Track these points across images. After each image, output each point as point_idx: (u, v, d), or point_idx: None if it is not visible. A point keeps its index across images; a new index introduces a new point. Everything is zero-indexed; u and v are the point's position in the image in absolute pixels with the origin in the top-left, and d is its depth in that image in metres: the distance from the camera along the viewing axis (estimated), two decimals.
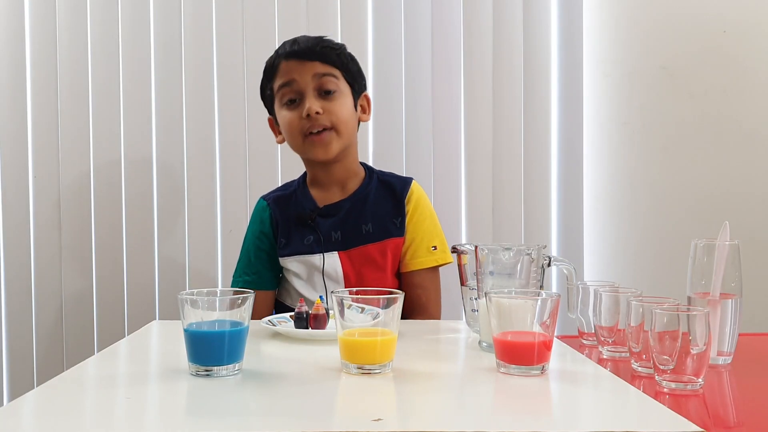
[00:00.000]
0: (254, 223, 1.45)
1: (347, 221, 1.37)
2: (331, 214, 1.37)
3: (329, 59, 1.34)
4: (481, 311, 0.97)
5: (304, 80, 1.32)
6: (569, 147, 1.89)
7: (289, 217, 1.39)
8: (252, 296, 0.85)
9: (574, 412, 0.73)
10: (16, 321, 1.89)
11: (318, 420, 0.67)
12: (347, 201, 1.39)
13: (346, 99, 1.36)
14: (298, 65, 1.33)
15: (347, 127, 1.35)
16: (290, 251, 1.38)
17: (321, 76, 1.33)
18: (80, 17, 1.85)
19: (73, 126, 1.87)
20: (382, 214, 1.37)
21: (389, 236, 1.36)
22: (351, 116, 1.37)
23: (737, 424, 0.75)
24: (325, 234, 1.36)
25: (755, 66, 1.92)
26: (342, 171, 1.39)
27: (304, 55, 1.33)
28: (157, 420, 0.70)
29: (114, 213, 1.87)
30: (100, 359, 0.94)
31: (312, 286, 1.37)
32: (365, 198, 1.39)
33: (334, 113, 1.33)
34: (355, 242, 1.36)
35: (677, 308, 0.83)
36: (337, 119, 1.33)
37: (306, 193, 1.42)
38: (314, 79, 1.32)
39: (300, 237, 1.37)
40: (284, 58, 1.35)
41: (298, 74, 1.33)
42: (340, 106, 1.34)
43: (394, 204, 1.38)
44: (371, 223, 1.36)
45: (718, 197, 1.92)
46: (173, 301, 1.80)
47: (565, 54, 1.88)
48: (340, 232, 1.36)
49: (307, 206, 1.39)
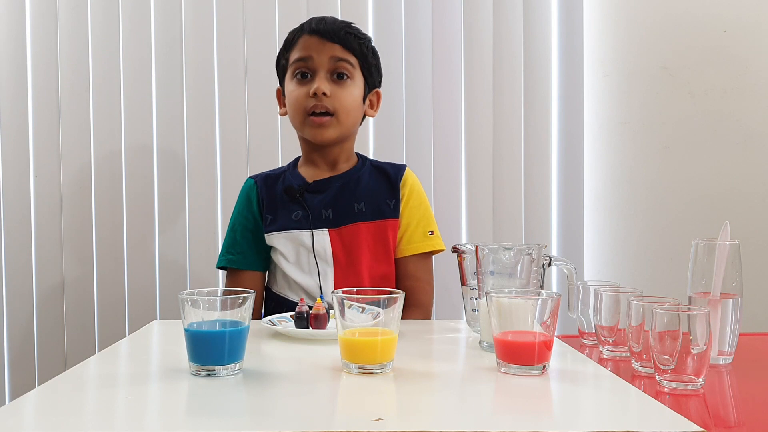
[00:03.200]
0: (241, 202, 1.43)
1: (339, 200, 1.36)
2: (320, 190, 1.37)
3: (350, 46, 1.34)
4: (481, 311, 0.97)
5: (320, 59, 1.33)
6: (569, 147, 1.89)
7: (277, 193, 1.38)
8: (252, 296, 0.85)
9: (575, 412, 0.73)
10: (17, 321, 1.89)
11: (318, 420, 0.67)
12: (337, 179, 1.38)
13: (355, 89, 1.36)
14: (319, 43, 1.33)
15: (349, 116, 1.35)
16: (277, 227, 1.35)
17: (338, 60, 1.33)
18: (81, 10, 1.85)
19: (74, 124, 1.87)
20: (375, 195, 1.37)
21: (382, 217, 1.35)
22: (356, 106, 1.37)
23: (738, 424, 0.75)
24: (315, 211, 1.34)
25: (755, 66, 1.92)
26: (335, 154, 1.39)
27: (327, 35, 1.33)
28: (158, 420, 0.70)
29: (114, 213, 1.87)
30: (101, 359, 0.94)
31: (300, 268, 1.34)
32: (358, 179, 1.38)
33: (339, 99, 1.33)
34: (346, 220, 1.34)
35: (678, 308, 0.83)
36: (341, 105, 1.33)
37: (295, 172, 1.42)
38: (330, 61, 1.33)
39: (288, 212, 1.35)
40: (307, 33, 1.35)
41: (316, 52, 1.33)
42: (348, 94, 1.34)
43: (387, 187, 1.38)
44: (364, 203, 1.35)
45: (718, 197, 1.92)
46: (174, 300, 1.81)
47: (565, 54, 1.88)
48: (332, 210, 1.35)
49: (296, 183, 1.38)
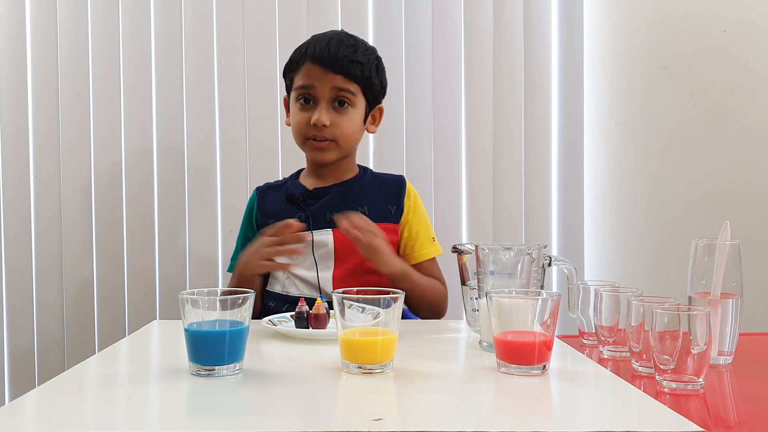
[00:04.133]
0: (246, 212, 1.50)
1: (343, 202, 1.38)
2: (320, 196, 1.39)
3: (353, 75, 1.34)
4: (481, 311, 0.97)
5: (322, 89, 1.34)
6: (569, 147, 1.89)
7: (279, 200, 1.42)
8: (252, 296, 0.85)
9: (575, 411, 0.73)
10: (17, 320, 1.89)
11: (318, 420, 0.67)
12: (337, 186, 1.41)
13: (356, 114, 1.38)
14: (321, 73, 1.33)
15: (348, 141, 1.38)
16: None
17: (339, 90, 1.34)
18: (81, 10, 1.84)
19: (74, 124, 1.86)
20: (378, 200, 1.40)
21: (386, 220, 1.37)
22: (357, 131, 1.40)
23: (738, 424, 0.75)
24: (318, 214, 1.37)
25: (755, 66, 1.92)
26: (338, 168, 1.43)
27: (329, 65, 1.33)
28: (158, 419, 0.70)
29: (114, 213, 1.87)
30: (101, 359, 0.94)
31: (303, 267, 1.35)
32: (360, 187, 1.42)
33: (340, 128, 1.35)
34: None
35: (678, 308, 0.83)
36: (341, 134, 1.36)
37: (296, 182, 1.46)
38: (332, 90, 1.34)
39: (290, 216, 1.35)
40: (311, 60, 1.34)
41: (318, 81, 1.34)
42: (348, 121, 1.36)
43: (389, 193, 1.42)
44: (367, 206, 1.38)
45: (719, 197, 1.92)
46: (174, 300, 1.81)
47: (565, 54, 1.88)
48: (336, 213, 1.35)
49: (297, 191, 1.41)
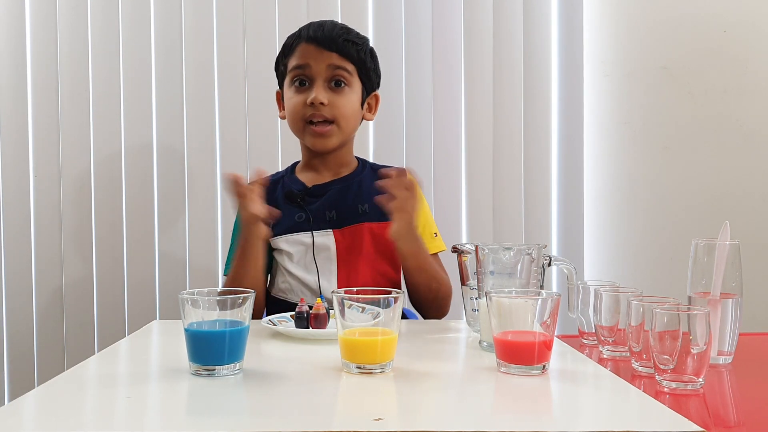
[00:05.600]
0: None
1: (343, 201, 1.36)
2: (319, 194, 1.38)
3: (348, 53, 1.34)
4: (481, 311, 0.97)
5: (317, 67, 1.33)
6: (569, 147, 1.89)
7: (277, 198, 1.39)
8: (252, 296, 0.85)
9: (575, 411, 0.73)
10: (17, 320, 1.89)
11: (318, 419, 0.67)
12: (338, 182, 1.39)
13: (353, 95, 1.37)
14: (316, 52, 1.34)
15: (348, 123, 1.36)
16: (280, 230, 1.36)
17: (335, 68, 1.34)
18: (81, 10, 1.84)
19: (74, 124, 1.86)
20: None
21: (387, 218, 1.34)
22: (355, 112, 1.38)
23: (738, 424, 0.75)
24: (318, 213, 1.35)
25: (755, 66, 1.92)
26: (336, 160, 1.41)
27: (324, 43, 1.33)
28: (158, 419, 0.70)
29: (114, 213, 1.87)
30: (101, 359, 0.94)
31: (305, 268, 1.34)
32: (360, 182, 1.40)
33: (338, 107, 1.34)
34: (351, 221, 1.35)
35: (678, 308, 0.83)
36: (339, 113, 1.34)
37: (294, 177, 1.43)
38: (328, 69, 1.34)
39: (290, 215, 1.36)
40: (305, 41, 1.35)
41: (313, 60, 1.34)
42: (346, 101, 1.35)
43: None
44: (368, 204, 1.36)
45: (718, 197, 1.92)
46: (174, 300, 1.81)
47: (565, 54, 1.88)
48: (335, 212, 1.36)
49: (295, 188, 1.39)
